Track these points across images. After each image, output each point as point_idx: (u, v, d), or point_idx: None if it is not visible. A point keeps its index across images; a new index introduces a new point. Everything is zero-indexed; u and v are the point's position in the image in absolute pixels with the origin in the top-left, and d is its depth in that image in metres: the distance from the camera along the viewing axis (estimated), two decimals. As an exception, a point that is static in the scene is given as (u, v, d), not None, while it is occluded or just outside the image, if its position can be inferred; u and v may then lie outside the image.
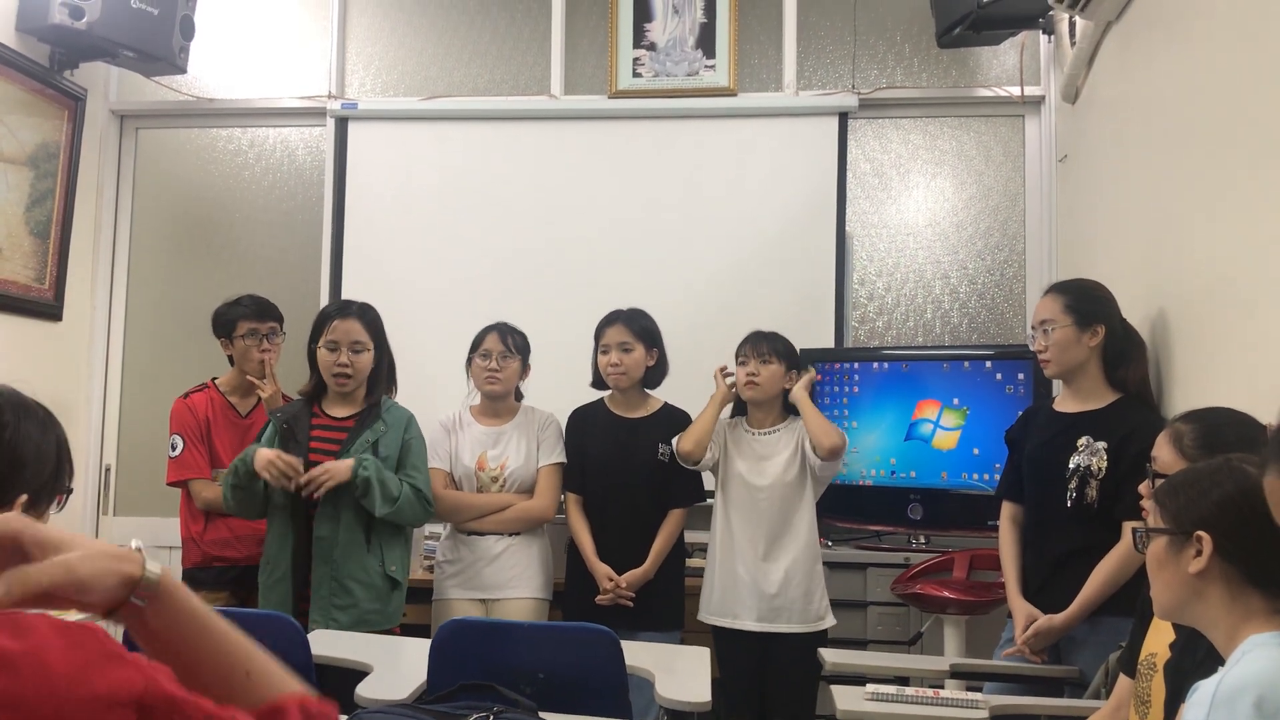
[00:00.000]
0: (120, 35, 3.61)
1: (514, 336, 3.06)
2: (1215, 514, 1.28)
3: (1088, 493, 2.35)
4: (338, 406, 2.87)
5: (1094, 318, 2.42)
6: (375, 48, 4.29)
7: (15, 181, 3.64)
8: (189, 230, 4.32)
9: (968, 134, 4.04)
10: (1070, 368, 2.45)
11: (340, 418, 2.84)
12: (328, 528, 2.72)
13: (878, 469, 3.45)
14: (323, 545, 2.72)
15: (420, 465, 2.85)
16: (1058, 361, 2.46)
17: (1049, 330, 2.44)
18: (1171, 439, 1.72)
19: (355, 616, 2.69)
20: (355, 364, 2.81)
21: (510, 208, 4.05)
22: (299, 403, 2.91)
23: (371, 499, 2.68)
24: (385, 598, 2.77)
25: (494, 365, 3.01)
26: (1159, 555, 1.35)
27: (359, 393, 2.87)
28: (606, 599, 2.91)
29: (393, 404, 2.92)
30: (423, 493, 2.80)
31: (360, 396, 2.87)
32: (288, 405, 2.95)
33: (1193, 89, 2.34)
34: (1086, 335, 2.42)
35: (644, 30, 4.08)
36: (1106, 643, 2.23)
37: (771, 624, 2.84)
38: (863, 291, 4.04)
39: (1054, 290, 2.51)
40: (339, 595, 2.70)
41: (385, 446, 2.79)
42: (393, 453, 2.80)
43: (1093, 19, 3.02)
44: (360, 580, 2.72)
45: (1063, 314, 2.43)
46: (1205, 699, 1.16)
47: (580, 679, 2.07)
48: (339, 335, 2.82)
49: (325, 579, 2.70)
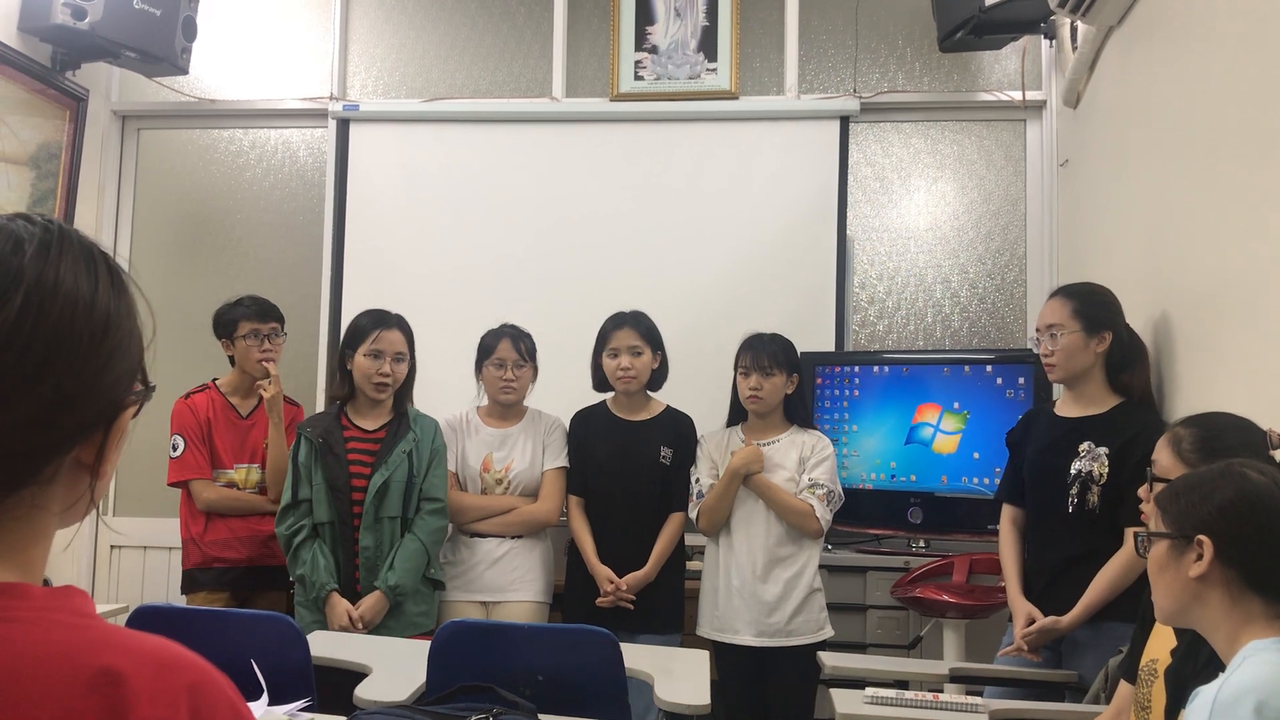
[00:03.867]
0: (122, 36, 3.62)
1: (525, 342, 3.07)
2: (1216, 518, 1.28)
3: (1089, 498, 2.35)
4: (366, 417, 2.90)
5: (1101, 324, 2.41)
6: (377, 49, 4.30)
7: (17, 181, 3.65)
8: (190, 231, 4.32)
9: (969, 138, 4.04)
10: (1075, 373, 2.44)
11: (371, 430, 2.89)
12: (370, 538, 2.78)
13: (878, 472, 3.45)
14: (368, 555, 2.78)
15: (441, 475, 2.92)
16: (1064, 367, 2.44)
17: (1056, 335, 2.42)
18: (1171, 443, 1.72)
19: (405, 622, 2.77)
20: (395, 373, 2.87)
21: (511, 210, 4.05)
22: (326, 415, 2.94)
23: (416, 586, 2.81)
24: (429, 600, 2.87)
25: (510, 375, 3.02)
26: (1160, 559, 1.35)
27: (388, 402, 2.92)
28: (607, 601, 2.90)
29: (419, 413, 2.96)
30: (441, 510, 2.88)
31: (389, 406, 2.92)
32: (315, 418, 2.98)
33: (1194, 94, 2.34)
34: (1094, 341, 2.41)
35: (646, 33, 4.08)
36: (1108, 647, 2.22)
37: (770, 639, 2.84)
38: (864, 295, 4.04)
39: (1062, 294, 2.49)
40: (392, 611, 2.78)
41: (418, 457, 2.86)
42: (424, 462, 2.87)
43: (1094, 24, 3.02)
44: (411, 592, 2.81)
45: (1071, 319, 2.41)
46: (1206, 704, 1.16)
47: (579, 681, 2.06)
48: (384, 345, 2.86)
49: (372, 590, 2.77)
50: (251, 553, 3.12)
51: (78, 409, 0.65)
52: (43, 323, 0.63)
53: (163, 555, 4.03)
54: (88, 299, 0.66)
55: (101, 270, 0.68)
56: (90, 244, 0.69)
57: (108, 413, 0.68)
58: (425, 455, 2.88)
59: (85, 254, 0.67)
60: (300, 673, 2.10)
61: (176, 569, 3.23)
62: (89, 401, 0.66)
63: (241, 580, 3.12)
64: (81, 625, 0.65)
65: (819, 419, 3.42)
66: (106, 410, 0.68)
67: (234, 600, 3.10)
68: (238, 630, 2.20)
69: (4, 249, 0.64)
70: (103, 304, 0.67)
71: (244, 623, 2.24)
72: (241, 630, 2.19)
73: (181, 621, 2.23)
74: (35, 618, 0.63)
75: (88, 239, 0.69)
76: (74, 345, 0.64)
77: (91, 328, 0.65)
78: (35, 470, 0.65)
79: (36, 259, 0.64)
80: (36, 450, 0.65)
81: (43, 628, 0.63)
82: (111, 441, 0.69)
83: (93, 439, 0.68)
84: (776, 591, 2.84)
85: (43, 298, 0.64)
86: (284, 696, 1.97)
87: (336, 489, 2.79)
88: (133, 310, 0.70)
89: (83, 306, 0.65)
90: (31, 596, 0.64)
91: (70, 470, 0.68)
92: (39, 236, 0.65)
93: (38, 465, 0.65)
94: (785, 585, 2.84)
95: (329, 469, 2.80)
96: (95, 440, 0.68)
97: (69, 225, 0.69)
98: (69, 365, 0.64)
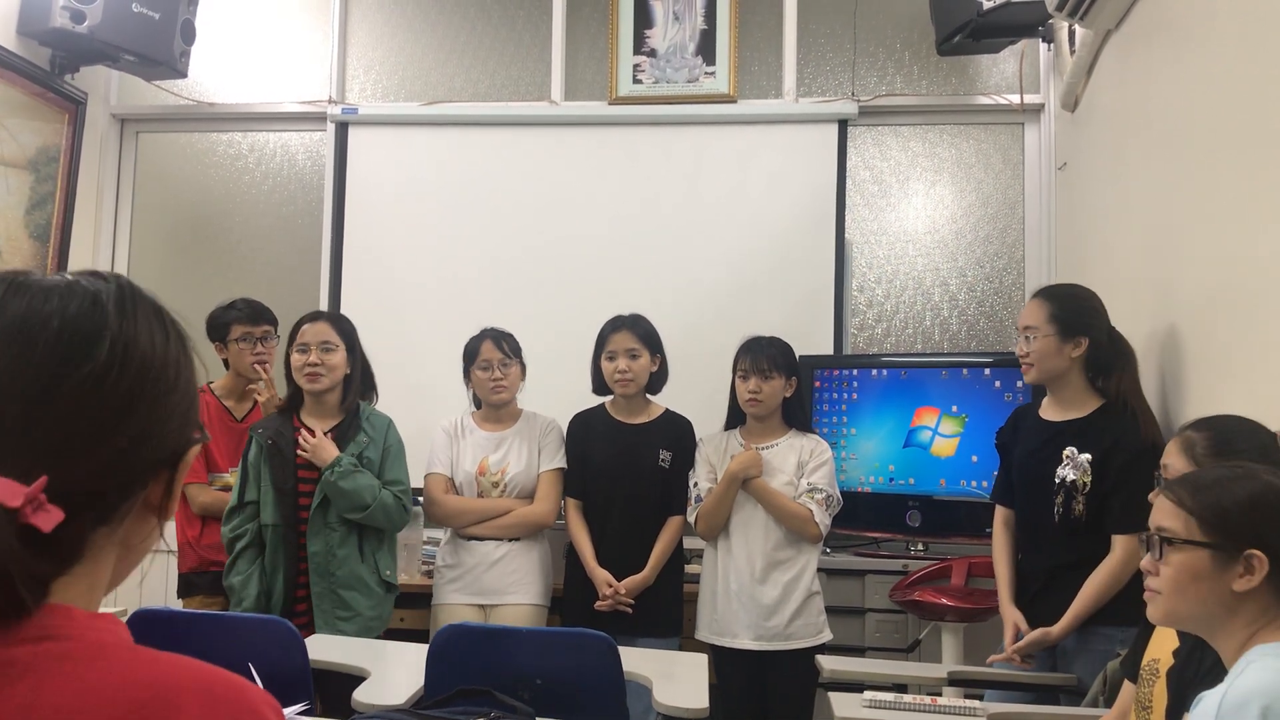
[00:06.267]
0: (121, 39, 3.62)
1: (508, 341, 3.06)
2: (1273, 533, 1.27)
3: (1075, 507, 2.35)
4: (317, 418, 2.86)
5: (1077, 329, 2.39)
6: (376, 53, 4.30)
7: (15, 185, 3.64)
8: (189, 234, 4.32)
9: (967, 142, 4.04)
10: (1050, 376, 2.44)
11: (321, 431, 2.83)
12: (320, 542, 2.73)
13: (876, 476, 3.45)
14: (317, 560, 2.73)
15: (400, 473, 2.86)
16: (1038, 368, 2.44)
17: (1030, 338, 2.43)
18: (1183, 447, 1.71)
19: (360, 625, 2.73)
20: (325, 361, 2.81)
21: (510, 213, 4.05)
22: (277, 417, 2.90)
23: (339, 504, 2.72)
24: (384, 603, 2.82)
25: (497, 374, 3.02)
26: (1196, 568, 1.31)
27: (333, 400, 2.86)
28: (606, 605, 2.90)
29: (372, 410, 2.92)
30: (402, 500, 2.82)
31: (336, 404, 2.87)
32: (268, 419, 2.94)
33: (1192, 98, 2.35)
34: (1069, 346, 2.40)
35: (644, 36, 4.08)
36: (1098, 652, 2.24)
37: (769, 643, 2.83)
38: (862, 298, 4.04)
39: (1041, 296, 2.48)
40: (341, 607, 2.72)
41: (371, 456, 2.81)
42: (377, 460, 2.82)
43: (1092, 28, 3.02)
44: (360, 590, 2.74)
45: (1046, 323, 2.41)
46: (1211, 709, 1.15)
47: (578, 685, 2.06)
48: (308, 337, 2.84)
49: (326, 593, 2.72)
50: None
51: (153, 450, 0.69)
52: (127, 370, 0.68)
53: (159, 559, 4.01)
54: (161, 348, 0.71)
55: (169, 322, 0.74)
56: (154, 299, 0.75)
57: (174, 456, 0.72)
58: (378, 453, 2.82)
59: (154, 308, 0.73)
60: (298, 676, 2.10)
61: (173, 573, 3.22)
62: (161, 444, 0.70)
63: (239, 584, 3.11)
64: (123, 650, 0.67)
65: (817, 422, 3.42)
66: (174, 453, 0.72)
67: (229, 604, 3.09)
68: (236, 634, 2.19)
69: (85, 304, 0.68)
70: (174, 353, 0.72)
71: (242, 626, 2.24)
72: (239, 634, 2.19)
73: (180, 625, 2.23)
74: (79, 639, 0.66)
75: (150, 295, 0.75)
76: (151, 390, 0.69)
77: (164, 375, 0.70)
78: (113, 510, 0.68)
79: (117, 313, 0.69)
80: (116, 490, 0.68)
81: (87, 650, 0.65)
82: (177, 483, 0.73)
83: (160, 480, 0.72)
84: (775, 595, 2.83)
85: (126, 346, 0.68)
86: (282, 700, 1.96)
87: (282, 491, 2.76)
88: (192, 361, 0.75)
89: (158, 355, 0.70)
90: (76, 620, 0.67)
91: (139, 511, 0.71)
92: (114, 293, 0.71)
93: (115, 505, 0.68)
94: (784, 589, 2.84)
95: (276, 471, 2.77)
96: (162, 480, 0.72)
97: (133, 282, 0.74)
98: (148, 410, 0.69)
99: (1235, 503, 1.30)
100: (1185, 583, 1.32)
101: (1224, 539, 1.29)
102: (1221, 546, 1.29)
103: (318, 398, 2.85)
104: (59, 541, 0.63)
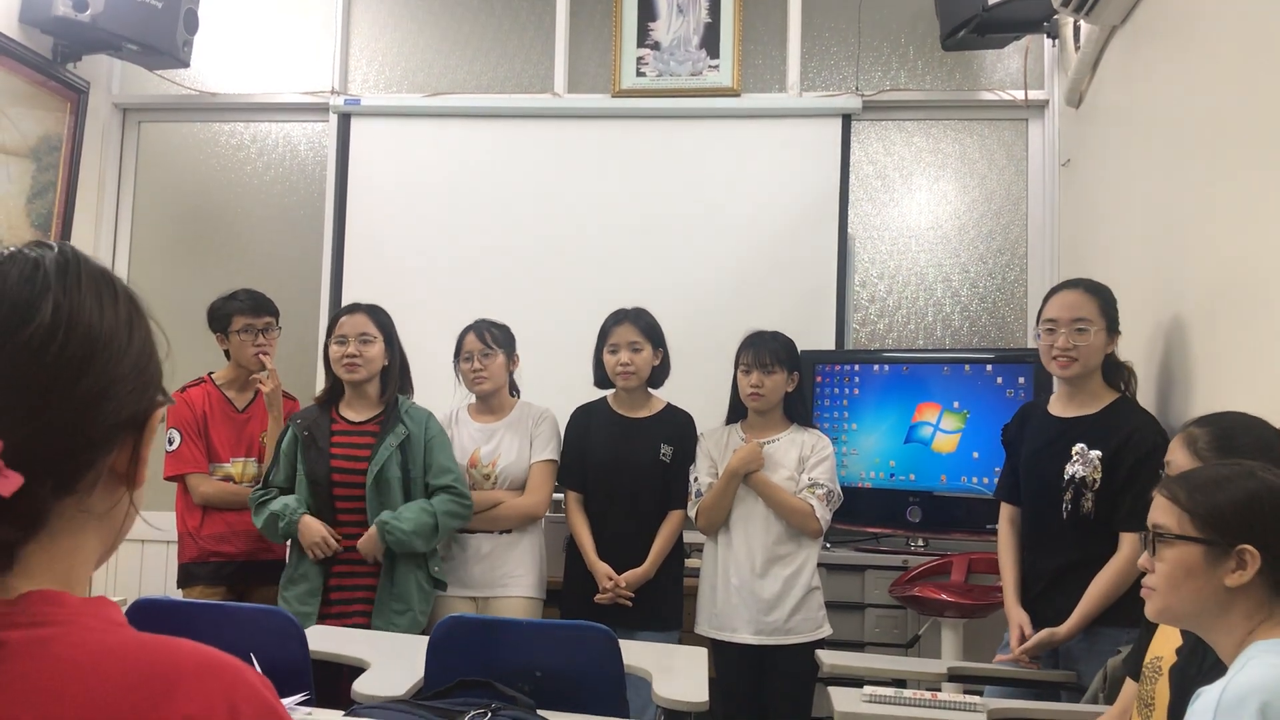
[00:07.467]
0: (123, 28, 3.61)
1: (492, 331, 3.05)
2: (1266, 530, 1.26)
3: (1083, 504, 2.32)
4: (355, 410, 2.89)
5: (1117, 325, 2.39)
6: (379, 44, 4.29)
7: (17, 173, 3.64)
8: (190, 224, 4.31)
9: (971, 137, 4.04)
10: (1091, 370, 2.39)
11: (359, 422, 2.87)
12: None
13: (877, 471, 3.45)
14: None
15: (449, 462, 2.89)
16: (1085, 363, 2.35)
17: (1085, 330, 2.34)
18: (1186, 444, 1.70)
19: (411, 620, 2.77)
20: (364, 353, 2.84)
21: (512, 206, 4.05)
22: (315, 408, 2.92)
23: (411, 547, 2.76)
24: (430, 598, 2.87)
25: (477, 365, 3.02)
26: (1188, 564, 1.32)
27: (373, 392, 2.89)
28: (606, 598, 2.90)
29: (411, 404, 2.94)
30: (457, 489, 2.84)
31: (375, 397, 2.89)
32: (305, 410, 2.96)
33: (1198, 94, 2.34)
34: (1111, 341, 2.38)
35: (648, 29, 4.07)
36: (1103, 653, 2.21)
37: (769, 638, 2.83)
38: (864, 293, 4.03)
39: (1085, 289, 2.39)
40: (398, 602, 2.77)
41: (412, 449, 2.83)
42: (419, 454, 2.84)
43: (1097, 23, 3.01)
44: (415, 587, 2.80)
45: (1099, 316, 2.35)
46: (1210, 705, 1.15)
47: (578, 677, 2.06)
48: (346, 329, 2.87)
49: (386, 593, 2.77)
50: (248, 547, 3.11)
51: (109, 414, 0.69)
52: (73, 334, 0.67)
53: (159, 549, 4.02)
54: (111, 312, 0.70)
55: (119, 287, 0.73)
56: (101, 266, 0.73)
57: (137, 417, 0.71)
58: (419, 446, 2.85)
59: (99, 272, 0.72)
60: (298, 667, 2.09)
61: (173, 563, 3.22)
62: (118, 407, 0.69)
63: (238, 574, 3.12)
64: (116, 631, 0.67)
65: (819, 417, 3.41)
66: (136, 414, 0.71)
67: (231, 595, 3.10)
68: (236, 624, 2.19)
69: (25, 268, 0.68)
70: (123, 316, 0.71)
71: (242, 616, 2.24)
72: (239, 624, 2.19)
73: (180, 615, 2.23)
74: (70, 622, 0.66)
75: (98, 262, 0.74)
76: (103, 354, 0.68)
77: (115, 337, 0.70)
78: (76, 476, 0.68)
79: (59, 277, 0.69)
80: (76, 452, 0.67)
81: (79, 632, 0.65)
82: (142, 447, 0.73)
83: (124, 445, 0.71)
84: (775, 589, 2.83)
85: (71, 304, 0.68)
86: (282, 691, 1.96)
87: (316, 481, 2.79)
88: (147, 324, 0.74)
89: (106, 319, 0.70)
90: (66, 604, 0.67)
91: (107, 480, 0.71)
92: (55, 258, 0.70)
93: (78, 471, 0.68)
94: (784, 583, 2.84)
95: (310, 461, 2.80)
96: (127, 446, 0.71)
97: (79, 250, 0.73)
98: (99, 372, 0.68)
99: (1229, 499, 1.31)
100: (1179, 578, 1.33)
101: (1216, 535, 1.30)
102: (1213, 542, 1.30)
103: (357, 389, 2.88)
104: (20, 507, 0.63)
